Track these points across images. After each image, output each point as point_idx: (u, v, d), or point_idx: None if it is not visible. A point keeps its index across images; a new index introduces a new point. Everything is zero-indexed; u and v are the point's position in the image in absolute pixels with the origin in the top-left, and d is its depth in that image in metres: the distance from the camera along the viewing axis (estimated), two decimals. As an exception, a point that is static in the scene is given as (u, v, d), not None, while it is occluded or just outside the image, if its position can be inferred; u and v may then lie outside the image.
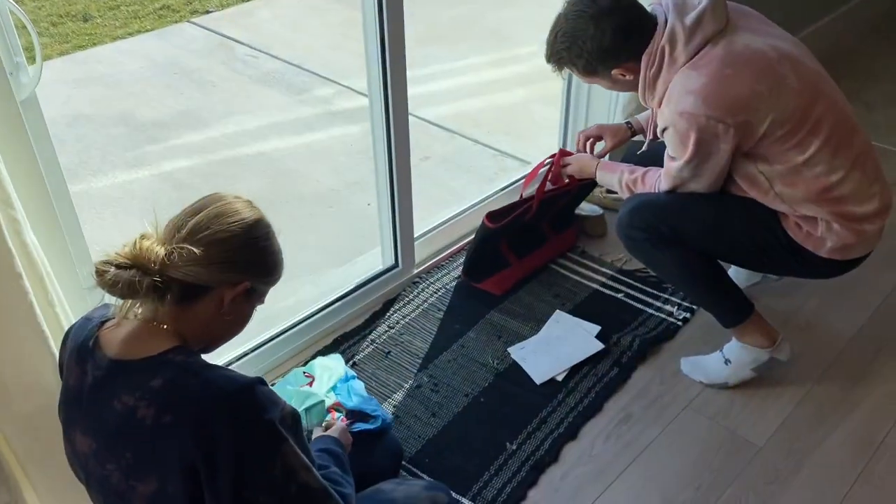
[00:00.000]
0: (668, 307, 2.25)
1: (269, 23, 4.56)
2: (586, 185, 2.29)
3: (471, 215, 2.53)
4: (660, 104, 1.72)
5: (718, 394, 2.00)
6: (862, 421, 1.93)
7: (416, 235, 2.32)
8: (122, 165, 3.17)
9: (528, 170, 2.87)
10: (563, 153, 2.19)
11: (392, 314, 2.24)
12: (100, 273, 1.10)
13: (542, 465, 1.82)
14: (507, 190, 2.63)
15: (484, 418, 1.93)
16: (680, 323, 2.20)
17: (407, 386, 2.02)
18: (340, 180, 3.09)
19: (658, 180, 1.83)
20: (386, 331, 2.18)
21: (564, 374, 2.03)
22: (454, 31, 4.41)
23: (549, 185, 2.24)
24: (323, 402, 1.66)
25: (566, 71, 1.81)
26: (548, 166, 2.23)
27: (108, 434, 1.16)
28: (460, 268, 2.39)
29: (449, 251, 2.45)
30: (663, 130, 1.70)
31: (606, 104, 2.63)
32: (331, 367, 1.81)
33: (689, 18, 1.63)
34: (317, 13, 4.70)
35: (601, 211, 2.54)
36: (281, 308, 2.28)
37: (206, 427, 1.08)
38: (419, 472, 1.79)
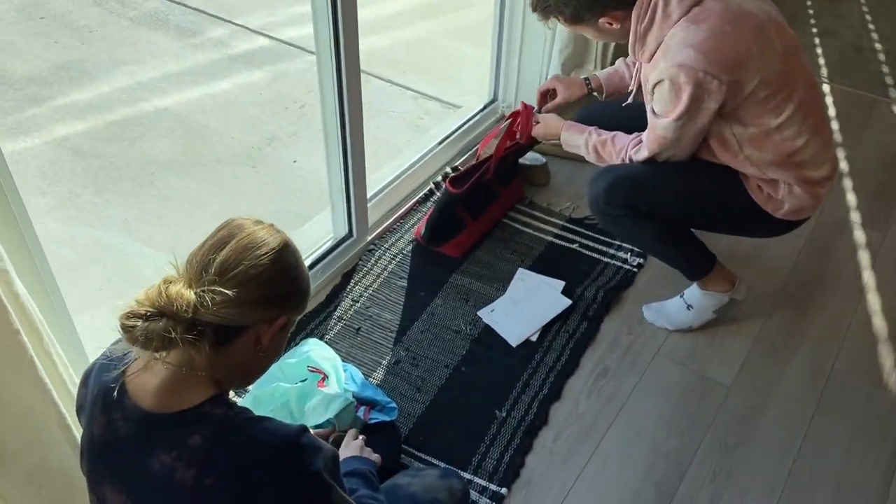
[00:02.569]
0: (621, 254, 2.30)
1: (137, -48, 4.12)
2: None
3: (415, 173, 2.46)
4: (650, 58, 1.70)
5: (683, 338, 2.09)
6: (811, 351, 2.08)
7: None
8: (5, 133, 2.83)
9: (455, 114, 2.83)
10: (529, 108, 2.13)
11: (353, 286, 2.17)
12: (128, 329, 0.99)
13: (534, 430, 1.85)
14: (444, 143, 2.57)
15: (468, 388, 1.93)
16: (635, 269, 2.26)
17: (385, 362, 1.98)
18: (257, 135, 2.91)
19: (634, 145, 1.82)
20: (351, 305, 2.12)
21: (538, 333, 2.06)
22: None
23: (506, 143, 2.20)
24: (351, 402, 1.60)
25: (552, 20, 1.75)
26: (508, 123, 2.18)
27: (145, 493, 1.07)
28: (412, 229, 2.33)
29: (399, 213, 2.38)
30: (656, 84, 1.67)
31: (540, 46, 2.58)
32: (329, 358, 1.74)
33: None
34: (190, -61, 4.28)
35: (543, 159, 2.53)
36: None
37: (252, 487, 1.03)
38: (417, 453, 1.79)
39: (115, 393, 1.05)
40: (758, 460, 1.83)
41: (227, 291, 1.02)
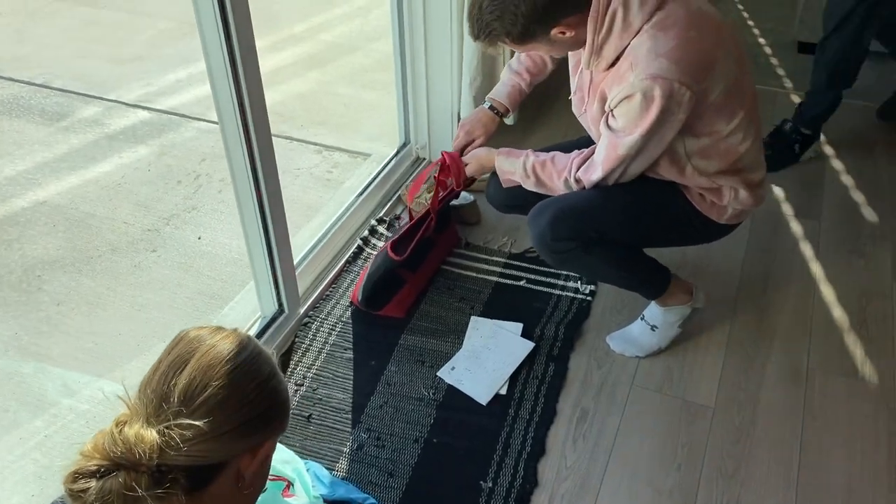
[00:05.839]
0: (571, 284, 2.18)
1: (-16, 37, 3.77)
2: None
3: (339, 231, 2.27)
4: (605, 68, 1.58)
5: (654, 363, 1.97)
6: (783, 353, 2.00)
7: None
8: None
9: (365, 162, 2.68)
10: (453, 154, 1.98)
11: (294, 368, 1.94)
12: (77, 496, 0.77)
13: (526, 496, 1.68)
14: (364, 195, 2.39)
15: (445, 461, 1.74)
16: (589, 298, 2.14)
17: (346, 450, 1.76)
18: (153, 216, 2.64)
19: (578, 164, 1.70)
20: (296, 390, 1.89)
21: (506, 385, 1.89)
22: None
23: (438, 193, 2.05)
24: (328, 511, 1.38)
25: (500, 46, 1.61)
26: (434, 174, 2.03)
27: None
28: (347, 293, 2.14)
29: (329, 277, 2.18)
30: (623, 99, 1.53)
31: (448, 83, 2.46)
32: (289, 461, 1.50)
33: None
34: (41, 18, 3.97)
35: (472, 197, 2.39)
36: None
37: None
38: (404, 547, 1.58)
39: None
40: (762, 481, 1.72)
41: (197, 423, 0.82)
